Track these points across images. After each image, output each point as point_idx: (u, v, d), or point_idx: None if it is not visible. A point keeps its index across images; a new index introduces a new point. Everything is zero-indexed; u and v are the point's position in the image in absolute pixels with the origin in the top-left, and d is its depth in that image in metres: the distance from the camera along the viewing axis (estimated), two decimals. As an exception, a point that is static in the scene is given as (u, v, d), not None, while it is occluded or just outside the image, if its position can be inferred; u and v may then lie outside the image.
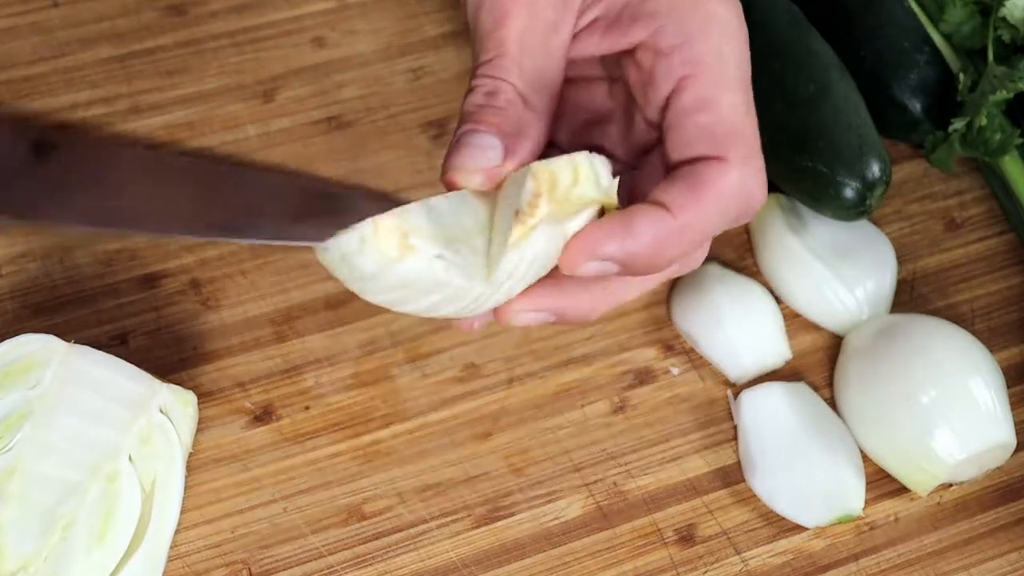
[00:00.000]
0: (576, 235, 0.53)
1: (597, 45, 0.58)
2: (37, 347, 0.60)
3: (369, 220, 0.51)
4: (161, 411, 0.61)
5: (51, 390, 0.59)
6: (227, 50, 0.78)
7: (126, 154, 0.73)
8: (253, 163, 0.73)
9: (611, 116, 0.60)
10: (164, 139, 0.74)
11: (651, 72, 0.56)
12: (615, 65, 0.59)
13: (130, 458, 0.59)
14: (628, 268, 0.53)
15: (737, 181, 0.54)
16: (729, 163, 0.54)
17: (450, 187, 0.55)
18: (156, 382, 0.61)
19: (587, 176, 0.52)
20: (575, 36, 0.58)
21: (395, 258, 0.51)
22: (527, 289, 0.54)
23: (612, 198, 0.53)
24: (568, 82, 0.59)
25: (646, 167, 0.58)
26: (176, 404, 0.61)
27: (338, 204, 0.72)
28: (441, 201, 0.53)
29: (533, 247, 0.52)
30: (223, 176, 0.72)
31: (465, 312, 0.54)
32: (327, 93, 0.77)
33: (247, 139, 0.75)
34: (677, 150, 0.55)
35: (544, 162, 0.51)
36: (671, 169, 0.55)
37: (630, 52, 0.57)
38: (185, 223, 0.69)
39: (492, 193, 0.54)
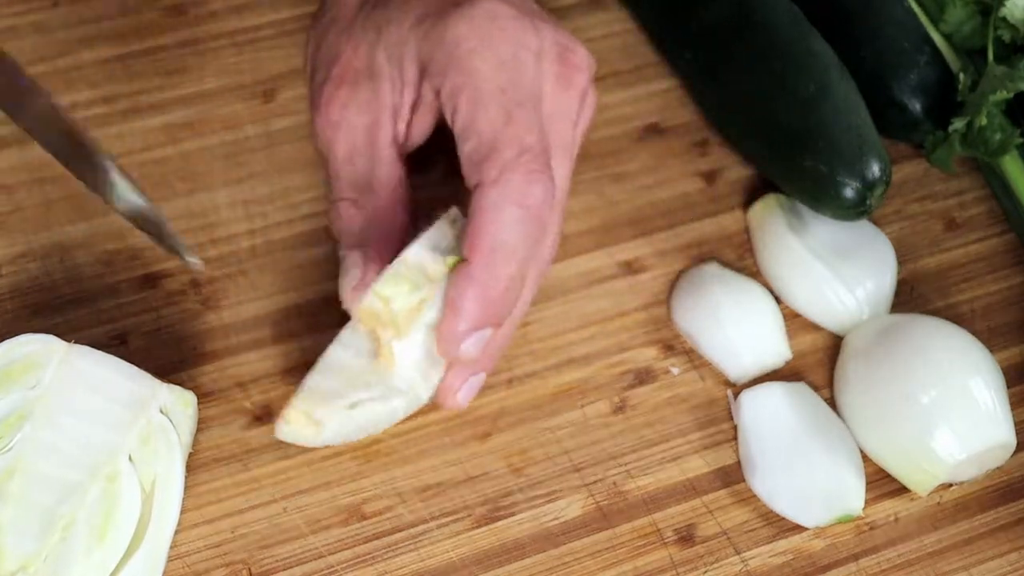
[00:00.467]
0: (436, 337, 0.60)
1: (422, 124, 0.64)
2: (37, 347, 0.60)
3: (282, 417, 0.61)
4: (161, 411, 0.61)
5: (51, 390, 0.59)
6: (227, 50, 0.78)
7: None
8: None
9: None
10: (164, 139, 0.74)
11: (445, 118, 0.62)
12: None
13: (130, 458, 0.59)
14: (491, 321, 0.59)
15: (498, 198, 0.58)
16: (484, 185, 0.58)
17: (350, 313, 0.62)
18: (156, 382, 0.61)
19: (395, 293, 0.59)
20: (413, 123, 0.64)
21: (314, 434, 0.61)
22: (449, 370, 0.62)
23: (447, 266, 0.59)
24: None
25: None
26: (176, 404, 0.61)
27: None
28: (337, 348, 0.62)
29: (410, 354, 0.61)
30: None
31: (419, 405, 0.63)
32: (327, 93, 0.77)
33: (247, 139, 0.75)
34: (465, 181, 0.60)
35: (362, 303, 0.59)
36: None
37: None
38: None
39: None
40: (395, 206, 0.64)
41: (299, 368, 0.67)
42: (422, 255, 0.60)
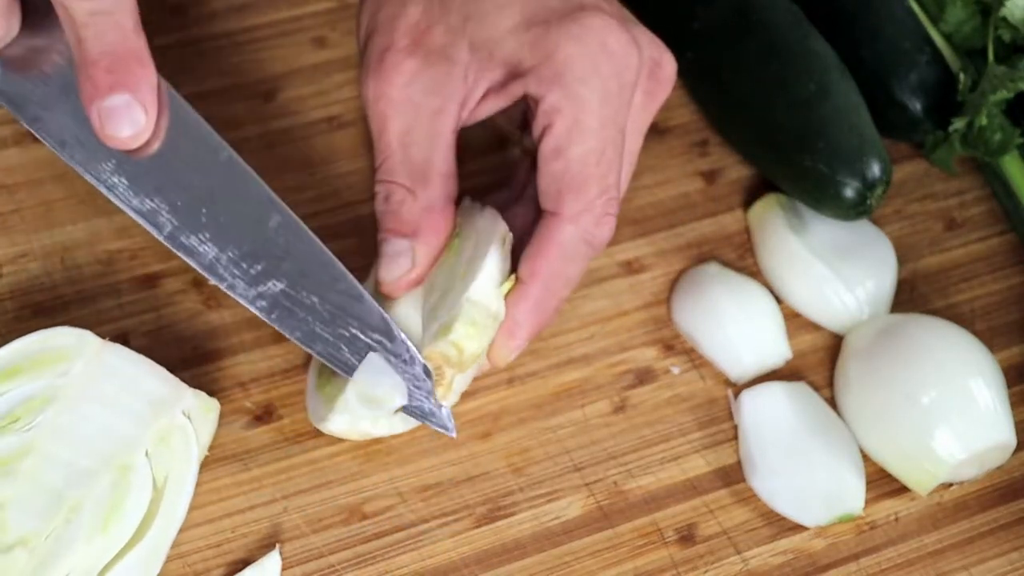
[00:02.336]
0: (489, 351, 0.62)
1: (492, 106, 0.64)
2: (72, 340, 0.60)
3: (329, 420, 0.61)
4: (184, 414, 0.61)
5: (79, 380, 0.60)
6: (227, 50, 0.78)
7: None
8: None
9: None
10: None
11: (531, 119, 0.63)
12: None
13: (147, 454, 0.60)
14: (536, 333, 0.63)
15: (571, 234, 0.62)
16: (562, 218, 0.62)
17: (386, 298, 0.64)
18: (183, 386, 0.61)
19: (469, 341, 0.60)
20: (478, 106, 0.64)
21: (359, 435, 0.62)
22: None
23: (504, 294, 0.62)
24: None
25: None
26: (199, 409, 0.61)
27: None
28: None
29: (460, 381, 0.62)
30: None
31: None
32: (327, 93, 0.77)
33: (247, 139, 0.75)
34: (540, 195, 0.63)
35: (433, 346, 0.60)
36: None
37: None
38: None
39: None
40: (448, 199, 0.64)
41: (299, 368, 0.67)
42: (487, 292, 0.61)
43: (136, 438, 0.60)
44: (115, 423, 0.60)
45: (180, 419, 0.61)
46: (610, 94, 0.62)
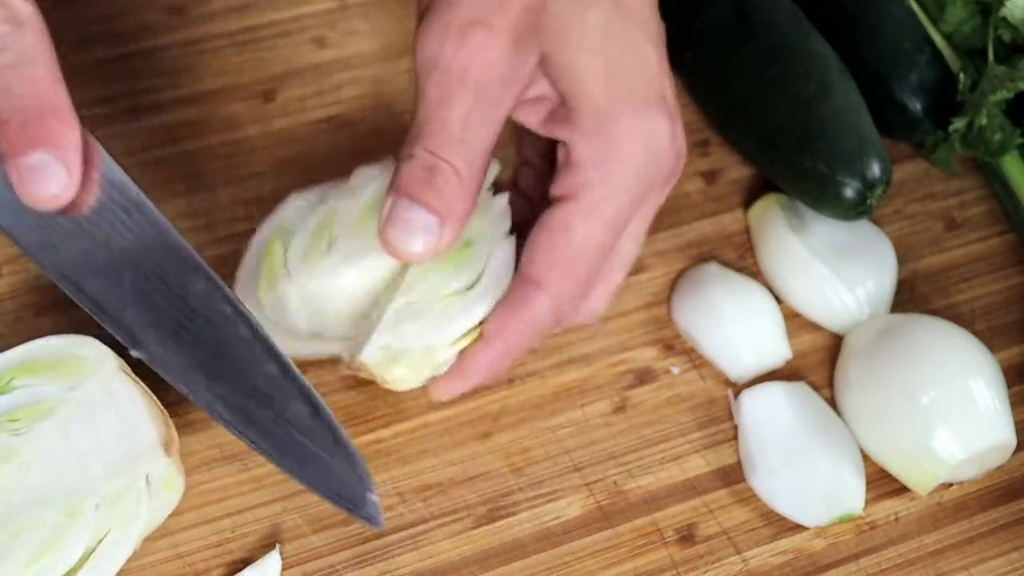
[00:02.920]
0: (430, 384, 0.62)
1: (535, 123, 0.61)
2: (92, 354, 0.59)
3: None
4: (147, 479, 0.58)
5: (82, 398, 0.59)
6: (227, 50, 0.78)
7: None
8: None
9: None
10: (164, 139, 0.74)
11: (562, 167, 0.60)
12: None
13: (96, 507, 0.58)
14: (482, 383, 0.61)
15: (545, 307, 0.60)
16: (543, 290, 0.59)
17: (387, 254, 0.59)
18: (160, 449, 0.59)
19: (401, 382, 0.61)
20: (522, 103, 0.60)
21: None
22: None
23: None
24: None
25: None
26: (162, 480, 0.59)
27: None
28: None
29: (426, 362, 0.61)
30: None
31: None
32: (327, 93, 0.77)
33: (247, 139, 0.75)
34: (525, 254, 0.60)
35: (369, 359, 0.60)
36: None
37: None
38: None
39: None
40: (480, 189, 0.60)
41: (299, 367, 0.67)
42: (446, 347, 0.60)
43: (94, 486, 0.58)
44: (88, 461, 0.58)
45: (140, 483, 0.58)
46: (638, 194, 0.60)
